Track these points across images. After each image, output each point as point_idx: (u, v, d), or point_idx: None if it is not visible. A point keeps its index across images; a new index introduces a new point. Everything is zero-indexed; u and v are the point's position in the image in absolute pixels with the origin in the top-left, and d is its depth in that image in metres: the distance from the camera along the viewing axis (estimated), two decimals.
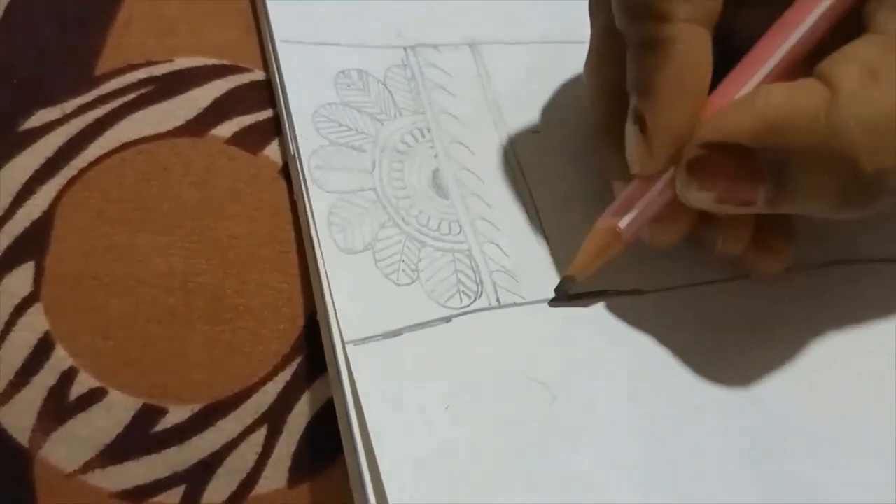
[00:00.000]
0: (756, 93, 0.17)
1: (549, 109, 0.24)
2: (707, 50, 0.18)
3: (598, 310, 0.21)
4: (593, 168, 0.22)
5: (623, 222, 0.19)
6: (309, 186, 0.21)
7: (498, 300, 0.20)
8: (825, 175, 0.16)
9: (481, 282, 0.21)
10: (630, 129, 0.19)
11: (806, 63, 0.18)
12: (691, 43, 0.18)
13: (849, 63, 0.17)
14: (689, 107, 0.18)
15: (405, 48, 0.24)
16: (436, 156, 0.23)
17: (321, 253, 0.20)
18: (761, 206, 0.18)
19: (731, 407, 0.20)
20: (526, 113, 0.24)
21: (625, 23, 0.19)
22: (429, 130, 0.23)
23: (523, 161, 0.23)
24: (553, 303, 0.20)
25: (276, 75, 0.23)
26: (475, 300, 0.20)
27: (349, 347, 0.19)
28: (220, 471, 0.19)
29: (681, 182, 0.18)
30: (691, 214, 0.19)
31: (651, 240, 0.20)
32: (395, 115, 0.23)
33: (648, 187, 0.19)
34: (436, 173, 0.22)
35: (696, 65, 0.18)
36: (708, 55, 0.18)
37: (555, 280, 0.21)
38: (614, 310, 0.21)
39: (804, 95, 0.17)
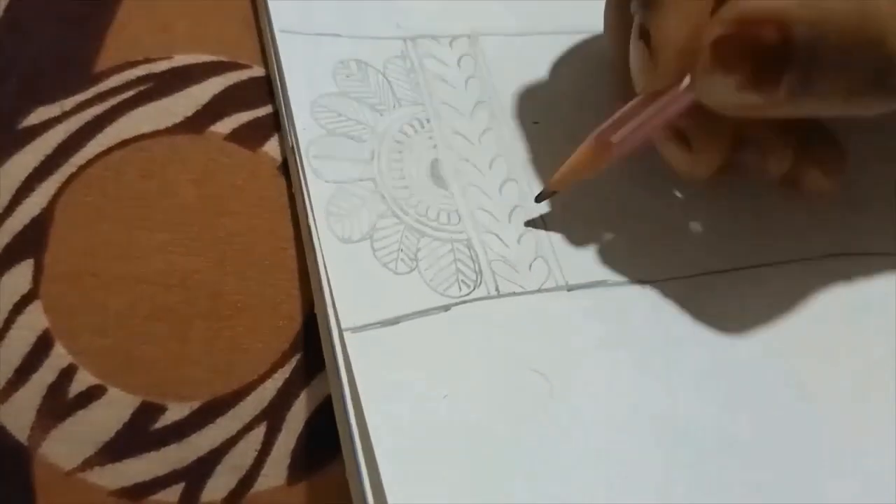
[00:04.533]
0: None
1: (549, 100, 0.23)
2: None
3: (598, 300, 0.20)
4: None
5: (617, 137, 0.19)
6: (307, 176, 0.21)
7: (497, 289, 0.20)
8: (854, 55, 0.16)
9: (480, 271, 0.20)
10: (635, 45, 0.19)
11: None
12: None
13: None
14: (694, 18, 0.18)
15: (404, 39, 0.24)
16: (435, 146, 0.22)
17: (319, 243, 0.20)
18: (784, 96, 0.17)
19: (729, 398, 0.19)
20: (525, 104, 0.23)
21: None
22: (428, 121, 0.23)
23: (523, 152, 0.23)
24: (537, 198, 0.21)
25: (275, 66, 0.23)
26: (474, 289, 0.20)
27: (346, 335, 0.18)
28: (220, 468, 0.19)
29: (703, 67, 0.18)
30: (723, 139, 0.19)
31: (690, 170, 0.20)
32: (395, 106, 0.23)
33: (648, 105, 0.19)
34: (435, 164, 0.22)
35: None
36: None
37: (555, 270, 0.21)
38: (614, 300, 0.20)
39: None
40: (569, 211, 0.22)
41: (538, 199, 0.21)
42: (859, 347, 0.20)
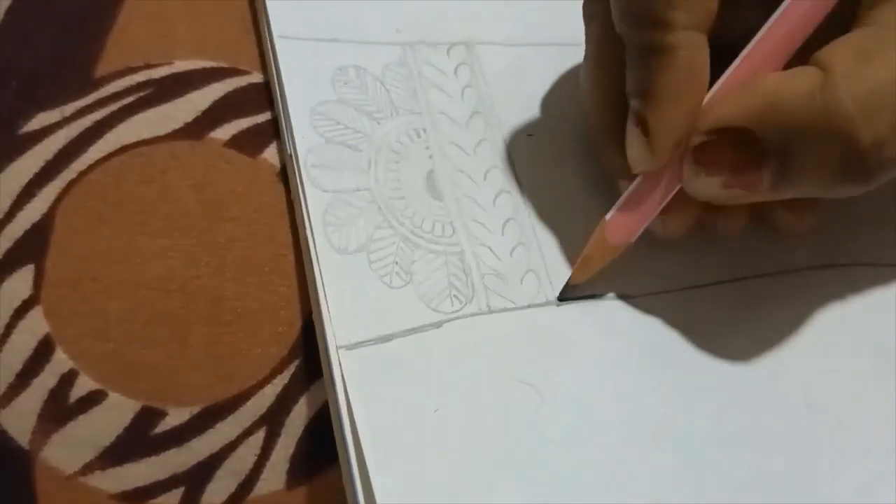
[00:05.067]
0: (754, 80, 0.18)
1: (544, 112, 0.24)
2: (705, 54, 0.19)
3: (588, 313, 0.20)
4: (587, 172, 0.22)
5: (623, 229, 0.20)
6: (305, 185, 0.21)
7: (488, 305, 0.20)
8: (825, 152, 0.17)
9: (473, 285, 0.21)
10: (632, 131, 0.19)
11: (801, 59, 0.18)
12: (692, 49, 0.19)
13: (841, 47, 0.17)
14: (690, 107, 0.19)
15: (403, 45, 0.24)
16: (431, 157, 0.22)
17: (316, 253, 0.20)
18: (766, 189, 0.18)
19: (720, 408, 0.20)
20: (521, 115, 0.23)
21: (626, 30, 0.19)
22: (424, 131, 0.23)
23: (517, 164, 0.23)
24: (560, 300, 0.21)
25: (274, 73, 0.23)
26: (466, 304, 0.20)
27: (341, 352, 0.19)
28: (219, 473, 0.20)
29: (688, 170, 0.19)
30: (696, 204, 0.20)
31: (662, 231, 0.21)
32: (392, 115, 0.23)
33: (649, 188, 0.20)
34: (430, 174, 0.22)
35: (696, 69, 0.19)
36: (706, 59, 0.19)
37: (546, 284, 0.21)
38: (603, 314, 0.21)
39: (799, 78, 0.17)
40: (559, 225, 0.22)
41: (561, 297, 0.21)
42: (845, 354, 0.21)
